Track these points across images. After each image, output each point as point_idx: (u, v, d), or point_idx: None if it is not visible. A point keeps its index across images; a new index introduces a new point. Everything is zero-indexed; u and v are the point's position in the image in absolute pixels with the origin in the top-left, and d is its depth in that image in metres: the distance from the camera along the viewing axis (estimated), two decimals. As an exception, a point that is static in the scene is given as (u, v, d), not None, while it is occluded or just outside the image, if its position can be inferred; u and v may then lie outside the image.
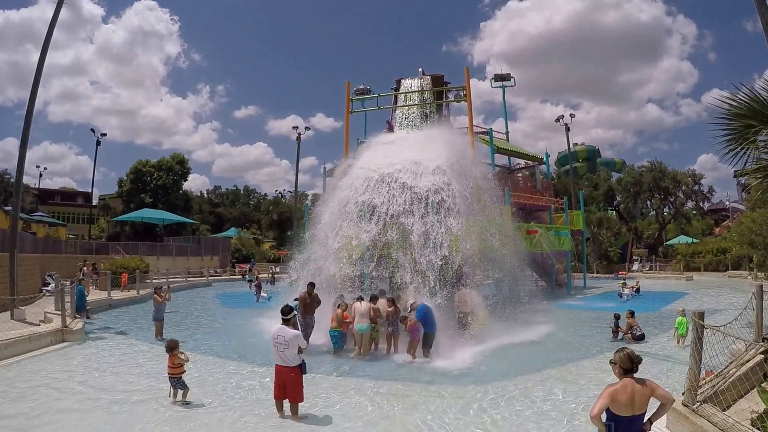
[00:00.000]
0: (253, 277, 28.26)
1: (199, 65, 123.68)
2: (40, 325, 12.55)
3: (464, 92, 19.93)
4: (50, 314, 13.50)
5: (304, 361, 6.62)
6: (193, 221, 50.52)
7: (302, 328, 10.34)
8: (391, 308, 10.97)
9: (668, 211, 50.78)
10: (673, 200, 49.23)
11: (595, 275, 35.31)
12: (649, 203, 51.75)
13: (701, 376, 5.52)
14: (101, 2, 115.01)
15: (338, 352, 10.88)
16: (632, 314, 12.40)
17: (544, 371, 9.23)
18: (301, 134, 46.07)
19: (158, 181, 49.53)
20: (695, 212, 53.13)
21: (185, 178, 53.33)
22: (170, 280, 26.15)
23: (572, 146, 53.48)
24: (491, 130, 22.32)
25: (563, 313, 17.50)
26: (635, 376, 3.93)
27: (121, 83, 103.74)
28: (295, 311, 7.22)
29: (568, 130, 42.68)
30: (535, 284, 25.61)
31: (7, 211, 29.18)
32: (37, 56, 15.83)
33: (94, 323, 14.54)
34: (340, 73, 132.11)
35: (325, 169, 23.48)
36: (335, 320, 10.90)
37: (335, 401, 7.37)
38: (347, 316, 10.93)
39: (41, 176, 56.45)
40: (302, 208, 32.28)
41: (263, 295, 22.37)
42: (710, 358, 6.00)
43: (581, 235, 30.14)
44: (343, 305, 11.12)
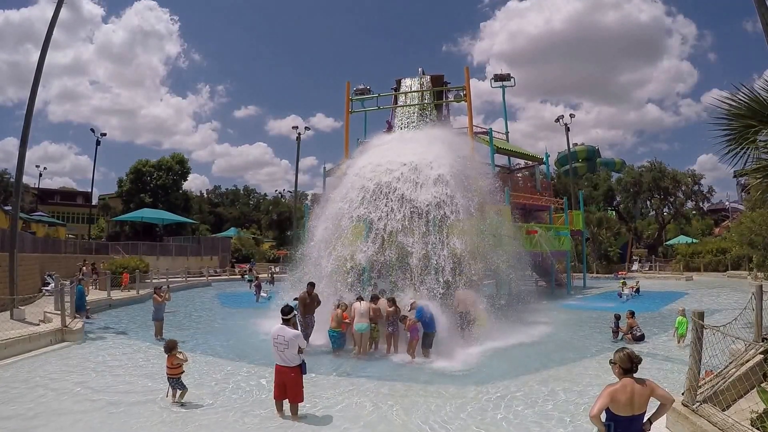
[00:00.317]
0: (253, 277, 28.24)
1: (199, 65, 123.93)
2: (39, 324, 12.53)
3: (464, 92, 19.95)
4: (50, 314, 13.48)
5: (304, 361, 6.60)
6: (192, 221, 50.51)
7: (302, 327, 10.33)
8: (391, 308, 10.97)
9: (668, 211, 50.80)
10: (672, 200, 49.25)
11: (594, 275, 35.32)
12: (648, 203, 51.76)
13: (701, 376, 5.52)
14: (101, 2, 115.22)
15: (338, 352, 10.87)
16: (632, 314, 12.39)
17: (544, 371, 9.23)
18: (300, 134, 46.09)
19: (158, 181, 49.55)
20: (695, 212, 53.14)
21: (185, 178, 53.39)
22: (170, 280, 26.14)
23: (572, 146, 53.47)
24: (491, 130, 22.36)
25: (563, 313, 17.49)
26: (635, 376, 3.93)
27: (121, 83, 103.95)
28: (295, 311, 7.22)
29: (567, 130, 42.75)
30: (534, 284, 25.61)
31: (6, 210, 29.14)
32: (37, 56, 15.81)
33: (93, 323, 14.52)
34: (340, 73, 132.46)
35: (325, 169, 23.54)
36: (334, 320, 10.89)
37: (335, 401, 7.36)
38: (346, 316, 10.92)
39: (41, 176, 56.46)
40: (302, 208, 32.32)
41: (263, 295, 22.35)
42: (710, 358, 6.01)
43: (581, 235, 30.16)
44: (342, 305, 11.12)
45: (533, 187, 24.86)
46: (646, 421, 3.92)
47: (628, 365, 3.91)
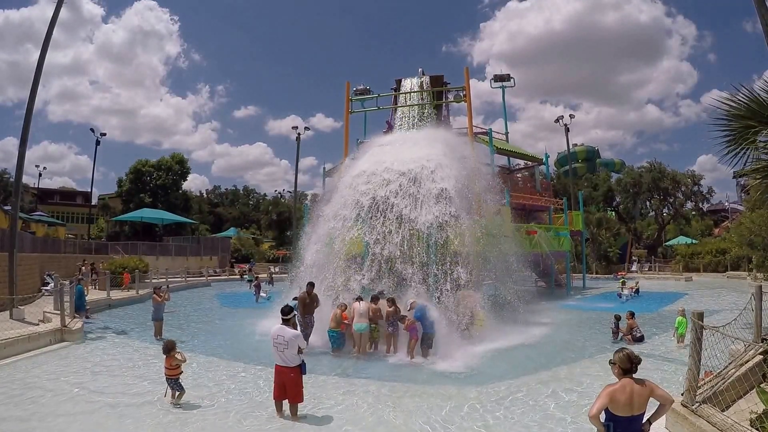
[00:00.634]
0: (252, 277, 28.25)
1: (198, 65, 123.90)
2: (39, 324, 12.52)
3: (464, 93, 19.95)
4: (49, 314, 13.48)
5: (303, 361, 6.60)
6: (192, 221, 50.49)
7: (302, 328, 10.32)
8: (391, 308, 10.97)
9: (667, 211, 50.83)
10: (672, 201, 49.27)
11: (594, 276, 35.34)
12: (648, 204, 51.78)
13: (700, 376, 5.52)
14: (101, 2, 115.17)
15: (337, 352, 10.86)
16: (632, 315, 12.39)
17: (545, 372, 9.23)
18: (300, 134, 45.98)
19: (158, 180, 49.56)
20: (694, 213, 53.17)
21: (185, 177, 53.40)
22: (169, 280, 26.14)
23: (572, 147, 53.38)
24: (491, 130, 22.34)
25: (563, 313, 17.49)
26: (634, 376, 3.93)
27: (120, 83, 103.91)
28: (294, 311, 7.21)
29: (567, 130, 42.75)
30: (534, 285, 25.62)
31: (6, 210, 29.10)
32: (36, 56, 15.80)
33: (93, 323, 14.52)
34: (340, 73, 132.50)
35: (324, 169, 23.58)
36: (334, 320, 10.89)
37: (335, 401, 7.36)
38: (346, 316, 10.92)
39: (41, 176, 56.41)
40: (302, 208, 32.28)
41: (262, 295, 22.35)
42: (709, 358, 6.00)
43: (581, 235, 30.18)
44: (342, 305, 11.11)
45: (533, 187, 24.88)
46: (645, 421, 3.92)
47: (627, 365, 3.91)
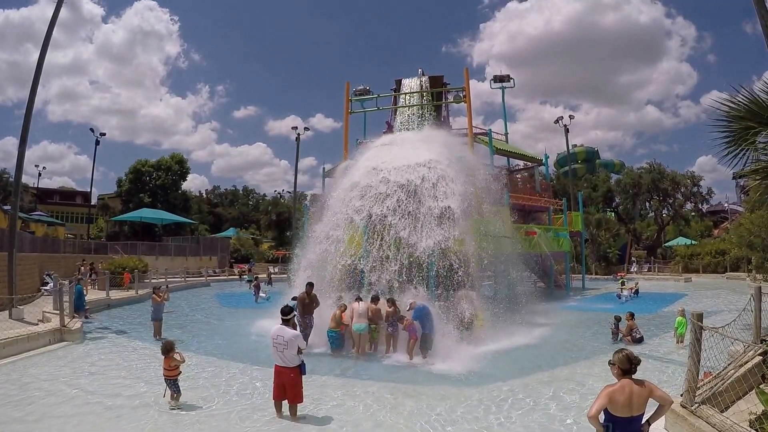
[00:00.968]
0: (252, 277, 28.23)
1: (198, 65, 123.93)
2: (38, 324, 12.51)
3: (464, 93, 19.97)
4: (49, 314, 13.47)
5: (303, 361, 6.59)
6: (191, 221, 50.43)
7: (301, 328, 10.31)
8: (390, 308, 10.96)
9: (667, 212, 50.84)
10: (672, 202, 49.29)
11: (593, 276, 35.34)
12: (648, 205, 51.81)
13: (700, 377, 5.52)
14: (101, 2, 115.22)
15: (336, 352, 10.86)
16: (632, 316, 12.39)
17: (545, 372, 9.23)
18: (300, 135, 46.00)
19: (157, 180, 49.49)
20: (694, 214, 53.18)
21: (184, 178, 53.31)
22: (169, 280, 26.13)
23: (571, 147, 53.42)
24: (490, 131, 22.36)
25: (563, 314, 17.48)
26: (634, 377, 3.93)
27: (120, 83, 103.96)
28: (294, 311, 7.21)
29: (567, 131, 42.71)
30: (534, 285, 25.61)
31: (6, 210, 29.09)
32: (36, 56, 15.80)
33: (92, 323, 14.51)
34: (339, 73, 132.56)
35: (324, 169, 23.54)
36: (333, 320, 10.88)
37: (334, 402, 7.35)
38: (345, 316, 10.91)
39: (40, 176, 56.27)
40: (301, 208, 32.24)
41: (262, 295, 22.33)
42: (709, 359, 6.01)
43: (580, 236, 30.16)
44: (342, 306, 11.11)
45: (532, 188, 24.87)
46: (644, 422, 3.92)
47: (627, 366, 3.91)
